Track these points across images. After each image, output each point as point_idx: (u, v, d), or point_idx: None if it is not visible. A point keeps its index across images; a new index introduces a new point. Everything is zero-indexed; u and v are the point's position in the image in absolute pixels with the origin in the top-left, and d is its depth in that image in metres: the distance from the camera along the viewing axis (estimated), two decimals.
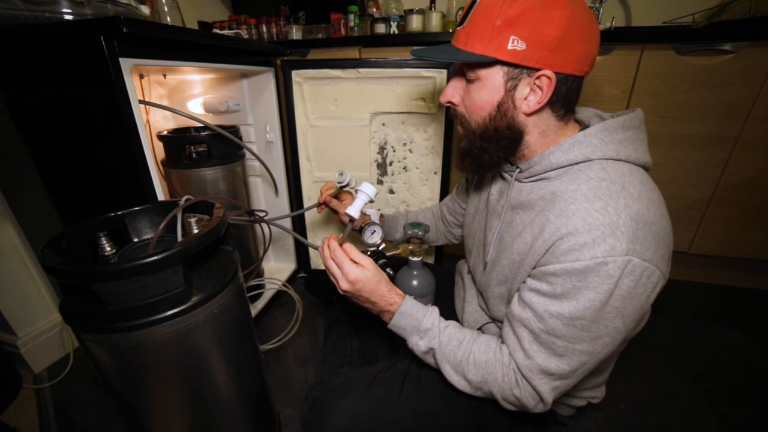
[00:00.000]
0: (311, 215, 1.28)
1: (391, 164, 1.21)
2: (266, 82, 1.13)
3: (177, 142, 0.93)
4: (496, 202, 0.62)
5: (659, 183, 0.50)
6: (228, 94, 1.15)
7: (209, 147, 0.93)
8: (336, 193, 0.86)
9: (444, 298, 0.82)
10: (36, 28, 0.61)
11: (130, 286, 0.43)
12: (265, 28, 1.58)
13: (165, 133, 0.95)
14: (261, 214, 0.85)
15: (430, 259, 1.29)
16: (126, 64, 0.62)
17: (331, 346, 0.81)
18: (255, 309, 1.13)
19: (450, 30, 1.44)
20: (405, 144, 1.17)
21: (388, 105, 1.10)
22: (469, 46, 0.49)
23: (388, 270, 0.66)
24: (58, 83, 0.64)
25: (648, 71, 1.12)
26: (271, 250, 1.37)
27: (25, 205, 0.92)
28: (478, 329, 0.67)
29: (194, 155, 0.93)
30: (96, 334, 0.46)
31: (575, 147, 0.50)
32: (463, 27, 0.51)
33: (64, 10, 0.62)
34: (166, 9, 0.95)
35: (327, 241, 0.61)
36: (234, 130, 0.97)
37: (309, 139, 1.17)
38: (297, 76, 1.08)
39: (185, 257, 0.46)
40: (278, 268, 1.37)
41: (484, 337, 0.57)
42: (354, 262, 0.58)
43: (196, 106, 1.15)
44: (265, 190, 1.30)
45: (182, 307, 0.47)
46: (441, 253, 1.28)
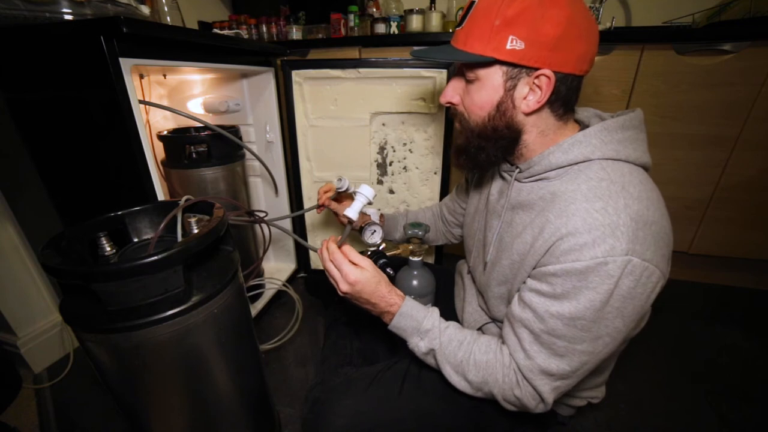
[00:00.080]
0: (311, 216, 1.28)
1: (391, 164, 1.21)
2: (266, 82, 1.13)
3: (177, 142, 0.93)
4: (496, 202, 0.62)
5: (659, 183, 0.50)
6: (228, 94, 1.15)
7: (209, 147, 0.93)
8: (335, 196, 0.86)
9: (444, 298, 0.82)
10: (36, 28, 0.61)
11: (130, 286, 0.43)
12: (265, 28, 1.58)
13: (165, 133, 0.95)
14: (261, 214, 0.85)
15: (430, 259, 1.29)
16: (126, 64, 0.62)
17: (331, 346, 0.81)
18: (255, 309, 1.13)
19: (450, 30, 1.44)
20: (405, 144, 1.16)
21: (388, 105, 1.10)
22: (468, 47, 0.49)
23: (388, 270, 0.66)
24: (58, 83, 0.64)
25: (648, 71, 1.12)
26: (271, 250, 1.37)
27: (25, 205, 0.92)
28: (478, 329, 0.67)
29: (194, 155, 0.93)
30: (96, 334, 0.46)
31: (575, 147, 0.50)
32: (462, 27, 0.51)
33: (64, 10, 0.62)
34: (166, 9, 0.95)
35: (326, 244, 0.61)
36: (234, 130, 0.97)
37: (309, 139, 1.17)
38: (297, 76, 1.08)
39: (185, 257, 0.46)
40: (278, 268, 1.37)
41: (485, 338, 0.57)
42: (353, 263, 0.58)
43: (196, 106, 1.15)
44: (265, 190, 1.30)
45: (182, 307, 0.47)
46: (441, 253, 1.28)
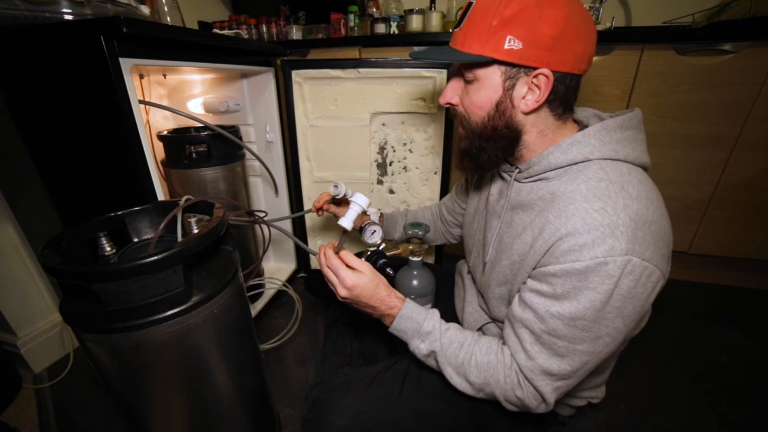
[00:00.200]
0: (312, 218, 1.28)
1: (391, 164, 1.21)
2: (266, 82, 1.13)
3: (177, 142, 0.93)
4: (496, 202, 0.62)
5: (659, 183, 0.50)
6: (228, 94, 1.15)
7: (209, 147, 0.93)
8: (334, 201, 0.86)
9: (444, 298, 0.82)
10: (36, 28, 0.61)
11: (130, 286, 0.43)
12: (265, 28, 1.58)
13: (165, 133, 0.95)
14: (261, 214, 0.85)
15: (430, 259, 1.29)
16: (126, 64, 0.62)
17: (331, 346, 0.81)
18: (255, 309, 1.13)
19: (450, 30, 1.43)
20: (405, 144, 1.17)
21: (388, 105, 1.10)
22: (466, 47, 0.49)
23: (388, 270, 0.66)
24: (58, 83, 0.64)
25: (648, 71, 1.12)
26: (271, 249, 1.37)
27: (25, 205, 0.92)
28: (478, 329, 0.67)
29: (194, 155, 0.93)
30: (96, 334, 0.46)
31: (574, 147, 0.50)
32: (460, 28, 0.51)
33: (64, 10, 0.62)
34: (166, 9, 0.95)
35: (323, 249, 0.61)
36: (234, 130, 0.97)
37: (309, 139, 1.17)
38: (297, 76, 1.08)
39: (185, 257, 0.46)
40: (278, 268, 1.37)
41: (486, 339, 0.57)
42: (350, 268, 0.58)
43: (196, 106, 1.15)
44: (265, 190, 1.30)
45: (182, 307, 0.47)
46: (441, 253, 1.28)
